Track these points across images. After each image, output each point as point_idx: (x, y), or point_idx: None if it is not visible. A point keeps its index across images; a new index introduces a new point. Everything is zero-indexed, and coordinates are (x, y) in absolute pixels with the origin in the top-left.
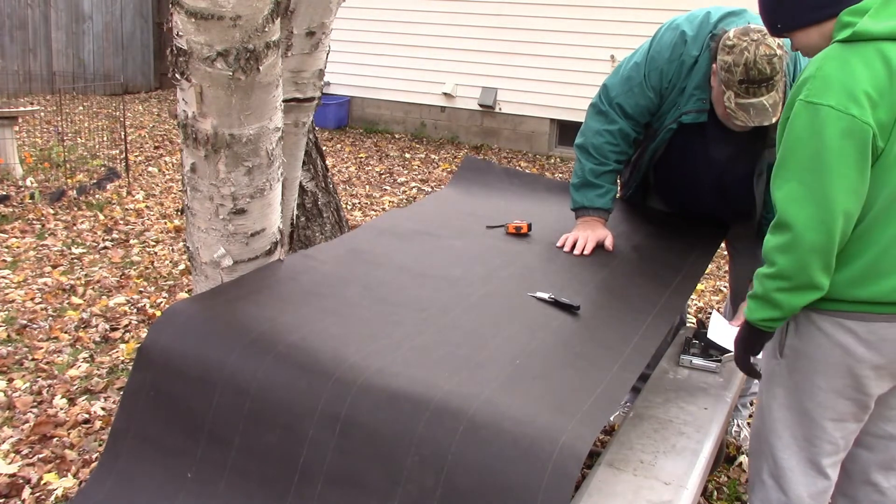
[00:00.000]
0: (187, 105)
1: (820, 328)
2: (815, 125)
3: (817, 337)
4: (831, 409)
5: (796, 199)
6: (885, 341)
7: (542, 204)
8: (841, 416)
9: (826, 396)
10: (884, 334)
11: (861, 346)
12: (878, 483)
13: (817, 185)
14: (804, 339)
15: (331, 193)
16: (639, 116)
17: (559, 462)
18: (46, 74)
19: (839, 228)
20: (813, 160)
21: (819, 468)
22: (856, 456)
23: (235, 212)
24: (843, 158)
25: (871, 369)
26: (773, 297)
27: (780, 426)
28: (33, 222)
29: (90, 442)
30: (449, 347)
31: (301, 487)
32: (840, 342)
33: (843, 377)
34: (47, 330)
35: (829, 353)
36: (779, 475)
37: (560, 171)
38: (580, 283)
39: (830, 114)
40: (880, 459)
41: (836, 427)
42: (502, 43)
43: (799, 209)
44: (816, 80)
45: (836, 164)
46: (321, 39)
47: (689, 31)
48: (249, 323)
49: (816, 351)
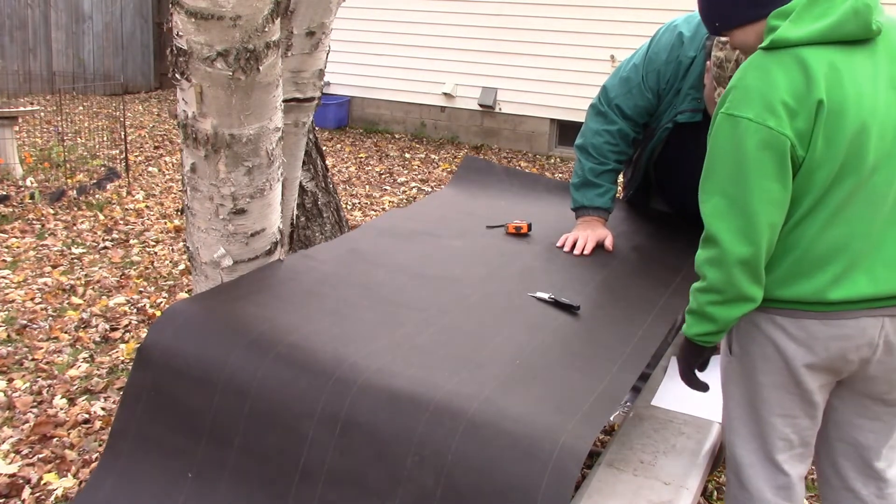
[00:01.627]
0: (187, 105)
1: (756, 324)
2: (734, 138)
3: (754, 333)
4: (776, 404)
5: (721, 213)
6: (815, 339)
7: (542, 204)
8: (787, 411)
9: (769, 392)
10: (813, 331)
11: (792, 342)
12: (858, 490)
13: (740, 199)
14: (744, 336)
15: (331, 193)
16: (637, 117)
17: (559, 462)
18: (46, 74)
19: (765, 240)
20: (734, 173)
21: (775, 464)
22: (836, 464)
23: (235, 212)
24: (763, 171)
25: (803, 366)
26: (707, 311)
27: (737, 423)
28: (33, 222)
29: (90, 442)
30: (449, 347)
31: (301, 487)
32: (772, 338)
33: (780, 373)
34: (47, 330)
35: (764, 349)
36: (739, 472)
37: (560, 171)
38: (580, 283)
39: (749, 126)
40: (856, 467)
41: (785, 423)
42: (502, 43)
43: (724, 223)
44: (737, 90)
45: (757, 176)
46: (321, 39)
47: (687, 33)
48: (249, 323)
49: (754, 347)
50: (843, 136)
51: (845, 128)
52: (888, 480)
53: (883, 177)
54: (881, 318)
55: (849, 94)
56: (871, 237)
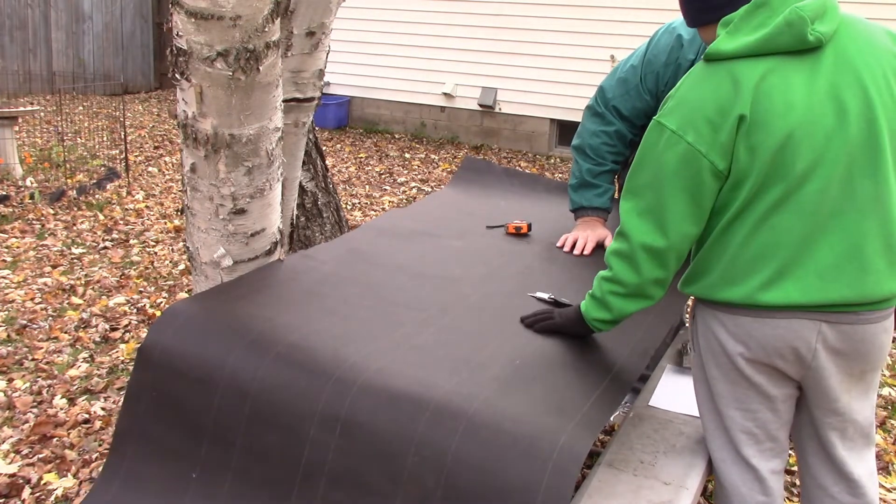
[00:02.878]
0: (187, 105)
1: (703, 319)
2: (658, 146)
3: (701, 327)
4: (730, 397)
5: (636, 213)
6: (751, 337)
7: (542, 204)
8: (743, 404)
9: (721, 385)
10: (749, 329)
11: (731, 338)
12: (828, 488)
13: (655, 205)
14: (697, 332)
15: (331, 193)
16: (635, 118)
17: (559, 462)
18: (46, 74)
19: (674, 248)
20: (653, 180)
21: (743, 459)
22: (807, 462)
23: (235, 212)
24: (679, 183)
25: (743, 360)
26: (607, 300)
27: (706, 420)
28: (33, 222)
29: (90, 442)
30: (449, 347)
31: (304, 488)
32: (714, 332)
33: (725, 366)
34: (47, 330)
35: (710, 343)
36: (714, 467)
37: (560, 171)
38: (580, 283)
39: (671, 137)
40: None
41: (745, 416)
42: (502, 43)
43: (637, 223)
44: (672, 100)
45: (672, 188)
46: (321, 39)
47: (686, 35)
48: (249, 323)
49: (703, 342)
50: (768, 146)
51: (769, 139)
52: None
53: (814, 186)
54: (817, 323)
55: (776, 105)
56: (800, 245)
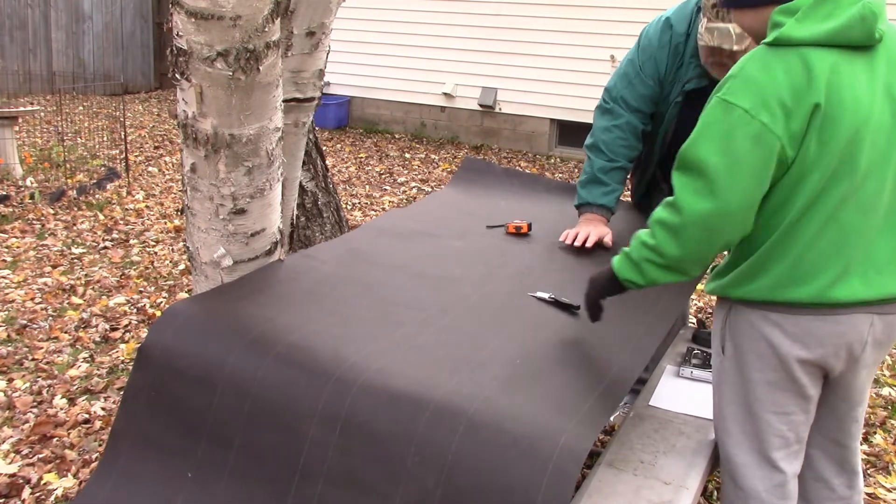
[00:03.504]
0: (187, 105)
1: (749, 321)
2: (725, 124)
3: (747, 330)
4: (771, 401)
5: (692, 189)
6: (810, 335)
7: (542, 204)
8: (782, 408)
9: (763, 390)
10: (809, 327)
11: (787, 339)
12: (829, 480)
13: (715, 183)
14: (736, 333)
15: (331, 193)
16: (643, 106)
17: (559, 462)
18: (46, 74)
19: (725, 229)
20: (717, 158)
21: (771, 462)
22: (808, 456)
23: (235, 212)
24: (746, 163)
25: (796, 361)
26: (641, 266)
27: (729, 423)
28: (33, 222)
29: (90, 442)
30: (449, 347)
31: (301, 487)
32: (766, 335)
33: (775, 370)
34: (47, 330)
35: (758, 347)
36: (733, 471)
37: (560, 171)
38: (580, 283)
39: (742, 117)
40: (832, 460)
41: (780, 420)
42: (502, 43)
43: (692, 199)
44: (737, 79)
45: (738, 167)
46: (321, 39)
47: (673, 16)
48: (249, 323)
49: (747, 344)
50: (838, 141)
51: (840, 133)
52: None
53: (873, 184)
54: (870, 316)
55: (846, 99)
56: (863, 244)
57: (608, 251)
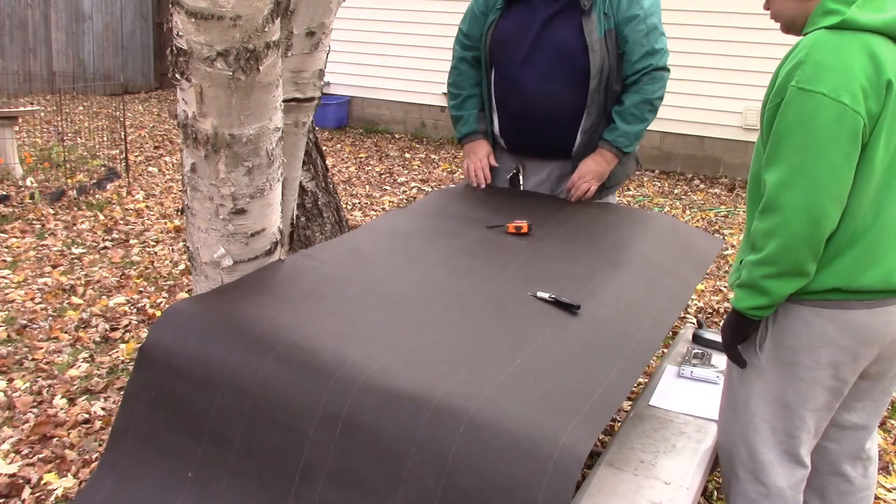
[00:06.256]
0: (187, 105)
1: (800, 318)
2: (806, 112)
3: (798, 327)
4: (811, 399)
5: (786, 185)
6: (863, 328)
7: (543, 204)
8: (819, 405)
9: (807, 387)
10: (862, 321)
11: (840, 333)
12: (847, 473)
13: (808, 170)
14: (784, 330)
15: (331, 193)
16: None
17: (560, 462)
18: (46, 74)
19: (828, 216)
20: (804, 147)
21: (798, 458)
22: (823, 449)
23: (235, 212)
24: (834, 146)
25: (849, 356)
26: (760, 284)
27: (758, 420)
28: (33, 222)
29: (90, 442)
30: (449, 347)
31: (302, 487)
32: (821, 331)
33: (825, 367)
34: (47, 330)
35: (810, 343)
36: (756, 469)
37: None
38: (581, 283)
39: (823, 101)
40: (848, 451)
41: (813, 416)
42: None
43: (788, 195)
44: (808, 66)
45: (827, 151)
46: (321, 39)
47: None
48: (250, 323)
49: (797, 341)
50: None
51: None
52: (873, 459)
53: None
54: None
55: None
56: None
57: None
